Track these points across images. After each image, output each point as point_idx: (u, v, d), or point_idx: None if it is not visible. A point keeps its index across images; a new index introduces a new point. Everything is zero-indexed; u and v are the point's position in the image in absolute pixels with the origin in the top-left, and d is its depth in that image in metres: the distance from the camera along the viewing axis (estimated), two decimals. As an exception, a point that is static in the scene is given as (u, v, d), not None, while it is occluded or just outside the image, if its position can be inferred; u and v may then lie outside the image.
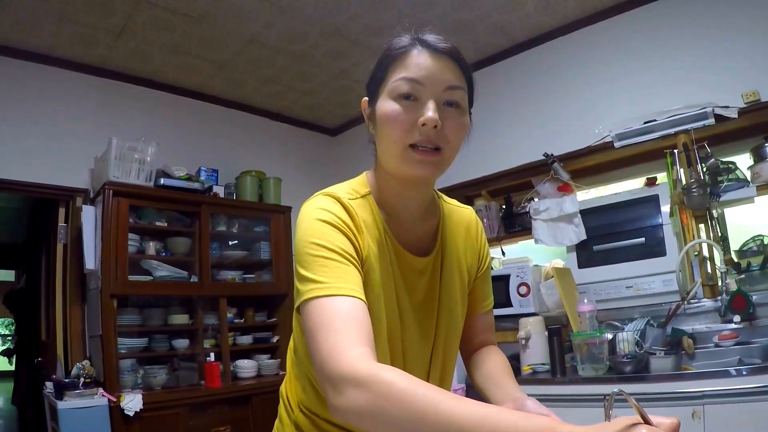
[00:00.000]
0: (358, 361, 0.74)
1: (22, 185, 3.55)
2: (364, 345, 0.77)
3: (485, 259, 1.23)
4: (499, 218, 3.73)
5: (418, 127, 0.92)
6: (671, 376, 2.39)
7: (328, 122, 5.24)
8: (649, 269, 3.02)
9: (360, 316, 0.82)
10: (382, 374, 0.71)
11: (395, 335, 1.04)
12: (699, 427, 2.23)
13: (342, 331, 0.79)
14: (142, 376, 3.50)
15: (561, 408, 2.61)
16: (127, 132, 3.62)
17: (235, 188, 4.22)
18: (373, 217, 1.03)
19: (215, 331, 3.92)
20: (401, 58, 0.96)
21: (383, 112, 0.96)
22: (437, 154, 0.94)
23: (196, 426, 3.45)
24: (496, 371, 1.14)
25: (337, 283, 0.85)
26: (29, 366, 5.50)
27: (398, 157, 0.95)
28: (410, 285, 1.07)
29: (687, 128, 3.01)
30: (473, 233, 1.21)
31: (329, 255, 0.89)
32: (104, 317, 3.28)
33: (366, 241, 0.99)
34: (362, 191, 1.05)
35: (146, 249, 3.63)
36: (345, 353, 0.76)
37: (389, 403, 0.68)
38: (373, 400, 0.69)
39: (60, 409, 3.01)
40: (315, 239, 0.91)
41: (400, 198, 1.05)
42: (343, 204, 0.98)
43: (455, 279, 1.13)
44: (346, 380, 0.73)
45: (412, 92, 0.93)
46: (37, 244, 5.25)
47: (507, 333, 3.29)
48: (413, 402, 0.66)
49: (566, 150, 3.47)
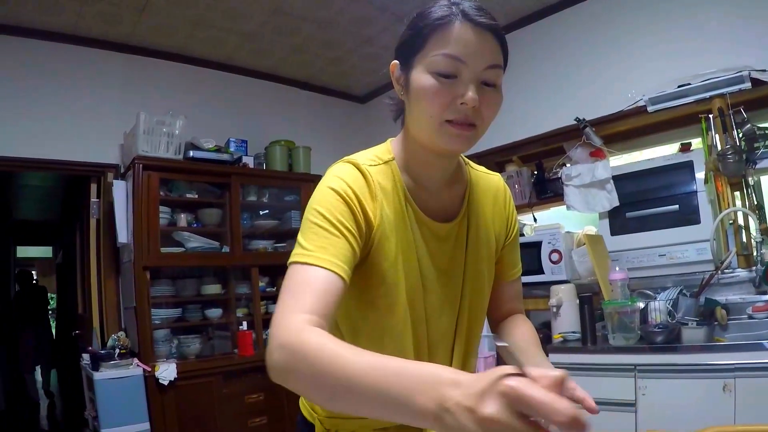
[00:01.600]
0: (291, 324, 0.76)
1: (54, 163, 3.64)
2: (311, 312, 0.79)
3: (513, 226, 1.21)
4: (530, 184, 3.69)
5: (456, 104, 0.91)
6: (703, 347, 2.35)
7: (357, 90, 5.21)
8: (682, 237, 2.95)
9: (323, 287, 0.84)
10: (301, 335, 0.73)
11: (417, 301, 1.04)
12: (730, 401, 2.19)
13: (298, 297, 0.82)
14: (176, 345, 3.58)
15: (591, 377, 2.61)
16: (155, 106, 3.66)
17: (264, 158, 4.24)
18: (393, 184, 1.02)
19: (247, 300, 3.98)
20: (442, 29, 0.91)
21: (421, 86, 0.93)
22: (472, 129, 0.94)
23: (230, 394, 3.53)
24: (524, 343, 1.14)
25: (317, 253, 0.87)
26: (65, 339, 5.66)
27: (433, 131, 0.94)
28: (433, 251, 1.06)
29: (722, 92, 2.91)
30: (501, 200, 1.19)
31: (323, 224, 0.91)
32: (138, 289, 3.35)
33: (380, 208, 0.99)
34: (385, 158, 1.05)
35: (177, 221, 3.67)
36: (287, 317, 0.78)
37: (300, 361, 0.71)
38: (288, 359, 0.72)
39: (96, 379, 3.10)
40: (317, 206, 0.93)
41: (425, 166, 1.04)
42: (361, 170, 0.99)
43: (482, 246, 1.12)
44: (275, 341, 0.75)
45: (452, 71, 0.91)
46: (72, 220, 5.36)
47: (538, 300, 3.28)
48: (317, 357, 0.69)
49: (598, 115, 3.39)
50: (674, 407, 2.32)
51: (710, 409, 2.21)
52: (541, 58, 3.81)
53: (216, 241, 3.80)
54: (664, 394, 2.38)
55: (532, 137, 3.76)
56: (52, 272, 10.53)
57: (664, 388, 2.39)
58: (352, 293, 1.02)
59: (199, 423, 3.41)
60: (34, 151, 3.49)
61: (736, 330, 2.60)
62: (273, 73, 4.67)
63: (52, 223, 8.57)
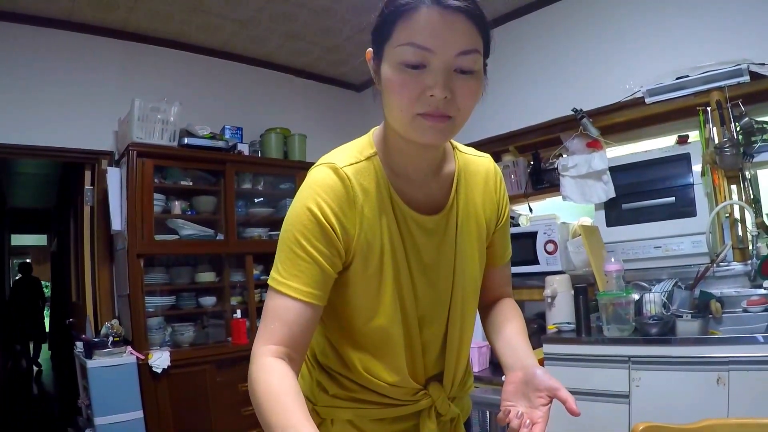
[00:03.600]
0: (258, 356, 0.90)
1: (48, 150, 3.60)
2: (277, 343, 0.90)
3: (504, 210, 1.18)
4: (526, 174, 3.66)
5: (426, 97, 0.86)
6: (697, 340, 2.34)
7: (353, 78, 5.19)
8: (678, 230, 2.94)
9: (292, 318, 0.92)
10: (257, 371, 0.88)
11: (407, 299, 1.03)
12: (723, 394, 2.19)
13: (268, 326, 0.92)
14: (170, 333, 3.58)
15: (584, 368, 2.61)
16: (150, 93, 3.63)
17: (259, 146, 4.23)
18: (376, 181, 1.00)
19: (242, 289, 3.97)
20: (407, 16, 0.85)
21: (388, 79, 0.89)
22: (446, 120, 0.89)
23: (224, 382, 3.53)
24: (511, 331, 1.13)
25: (290, 281, 0.93)
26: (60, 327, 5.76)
27: (406, 124, 0.90)
28: (421, 245, 1.04)
29: (721, 85, 2.90)
30: (492, 184, 1.15)
31: (297, 250, 0.94)
32: (132, 277, 3.34)
33: (359, 215, 0.98)
34: (366, 153, 1.02)
35: (172, 208, 3.66)
36: (257, 347, 0.91)
37: (251, 392, 0.87)
38: (249, 387, 0.88)
39: (90, 367, 3.09)
40: (294, 229, 0.95)
41: (408, 156, 1.01)
42: (339, 175, 0.97)
43: (472, 234, 1.10)
44: (251, 362, 0.90)
45: (420, 61, 0.85)
46: (66, 208, 5.34)
47: (533, 291, 3.28)
48: (258, 398, 0.84)
49: (596, 105, 3.38)
50: (668, 399, 2.31)
51: (704, 401, 2.21)
52: (538, 48, 3.80)
53: (210, 228, 3.79)
54: (658, 386, 2.38)
55: (528, 127, 3.74)
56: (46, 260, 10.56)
57: (658, 380, 2.38)
58: (339, 299, 1.03)
59: (192, 411, 3.41)
60: (28, 138, 3.46)
61: (731, 323, 2.60)
62: (269, 61, 4.65)
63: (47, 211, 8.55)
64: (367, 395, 1.07)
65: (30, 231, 11.26)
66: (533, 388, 0.95)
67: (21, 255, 13.31)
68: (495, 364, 3.14)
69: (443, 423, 1.14)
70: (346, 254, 0.98)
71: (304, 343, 0.94)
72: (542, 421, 0.91)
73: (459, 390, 1.18)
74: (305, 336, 0.94)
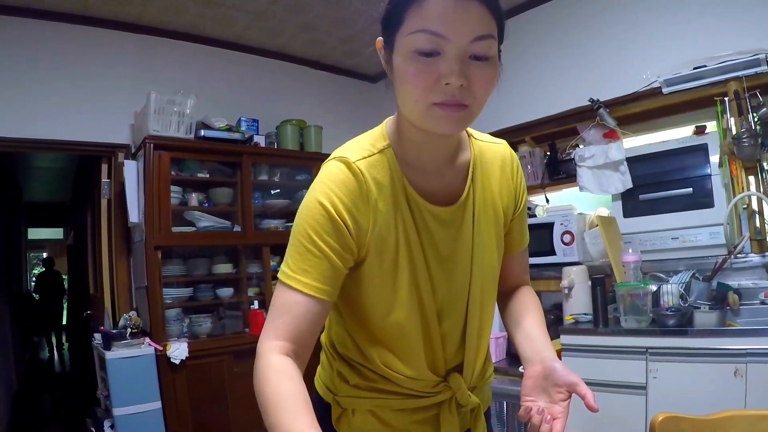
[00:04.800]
0: (265, 351, 0.90)
1: (64, 144, 3.64)
2: (283, 339, 0.90)
3: (522, 196, 1.16)
4: (543, 165, 3.64)
5: (441, 85, 0.83)
6: (715, 331, 2.32)
7: (368, 69, 5.17)
8: (696, 221, 2.92)
9: (301, 313, 0.92)
10: (263, 369, 0.88)
11: (424, 293, 1.02)
12: (741, 386, 2.18)
13: (276, 321, 0.92)
14: (188, 325, 3.60)
15: (602, 359, 2.61)
16: (165, 86, 3.64)
17: (275, 137, 4.22)
18: (390, 174, 0.98)
19: (259, 280, 3.98)
20: (419, 2, 0.82)
21: (401, 69, 0.86)
22: (463, 109, 0.86)
23: (241, 372, 3.55)
24: (530, 323, 1.12)
25: (300, 276, 0.93)
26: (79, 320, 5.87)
27: (421, 115, 0.88)
28: (437, 237, 1.02)
29: (738, 75, 2.85)
30: (509, 170, 1.12)
31: (308, 245, 0.93)
32: (149, 269, 3.36)
33: (373, 210, 0.96)
34: (380, 145, 1.00)
35: (189, 200, 3.67)
36: (263, 342, 0.92)
37: (257, 389, 0.87)
38: (254, 382, 0.88)
39: (108, 359, 3.12)
40: (305, 224, 0.95)
41: (422, 147, 0.99)
42: (353, 170, 0.96)
43: (490, 223, 1.08)
44: (256, 357, 0.91)
45: (433, 49, 0.82)
46: (83, 201, 5.39)
47: (549, 282, 3.28)
48: (267, 402, 0.84)
49: (612, 96, 3.34)
50: (685, 391, 2.30)
51: (721, 393, 2.20)
52: (555, 38, 3.76)
53: (227, 220, 3.80)
54: (676, 377, 2.37)
55: (545, 117, 3.70)
56: (63, 253, 10.70)
57: (675, 371, 2.37)
58: (355, 294, 1.03)
59: (210, 402, 3.44)
60: (44, 131, 3.49)
61: (748, 315, 2.58)
62: (283, 52, 4.64)
63: (63, 205, 8.62)
64: (387, 385, 1.07)
65: (46, 225, 11.37)
66: (552, 383, 0.95)
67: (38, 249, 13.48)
68: (512, 355, 3.14)
69: (464, 413, 1.13)
70: (359, 250, 0.97)
71: (311, 340, 0.94)
72: (563, 417, 0.91)
73: (479, 380, 1.17)
74: (313, 332, 0.94)
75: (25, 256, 11.07)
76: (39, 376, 8.06)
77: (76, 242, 7.02)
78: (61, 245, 11.60)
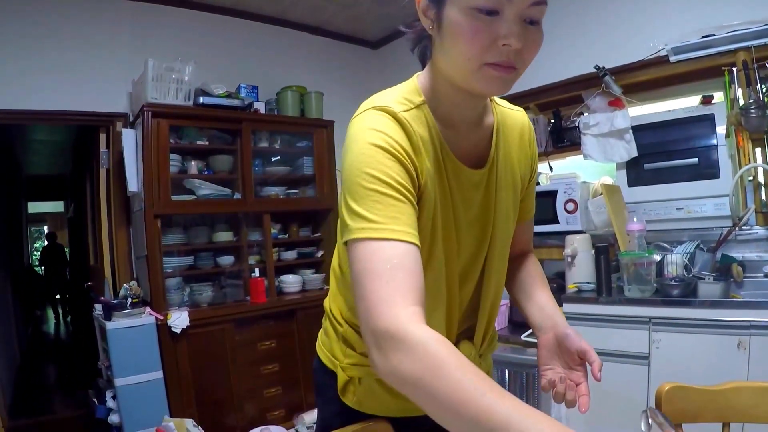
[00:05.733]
0: (409, 324, 0.71)
1: (62, 114, 3.57)
2: (415, 303, 0.74)
3: (536, 165, 1.18)
4: (547, 132, 3.60)
5: (498, 46, 0.81)
6: (718, 303, 2.31)
7: (370, 35, 5.09)
8: (701, 191, 2.91)
9: (412, 265, 0.77)
10: (434, 347, 0.68)
11: (451, 254, 1.00)
12: (744, 358, 2.18)
13: (393, 283, 0.74)
14: (189, 293, 3.60)
15: (604, 329, 2.61)
16: (163, 53, 3.59)
17: (276, 104, 4.17)
18: (429, 131, 0.94)
19: (260, 248, 3.98)
20: None
21: (457, 24, 0.82)
22: (512, 71, 0.85)
23: (242, 341, 3.57)
24: (540, 293, 1.15)
25: (390, 225, 0.79)
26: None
27: (470, 74, 0.84)
28: (467, 200, 1.01)
29: (747, 45, 2.80)
30: (526, 139, 1.13)
31: (384, 189, 0.82)
32: (149, 238, 3.35)
33: (423, 162, 0.91)
34: (416, 100, 0.95)
35: (188, 168, 3.64)
36: (394, 310, 0.72)
37: (437, 380, 0.65)
38: (420, 372, 0.67)
39: (109, 329, 3.12)
40: (369, 169, 0.83)
41: (457, 107, 0.96)
42: (399, 120, 0.89)
43: (509, 189, 1.08)
44: (394, 341, 0.70)
45: (494, 7, 0.79)
46: (82, 172, 5.35)
47: (552, 250, 3.25)
48: (460, 386, 0.64)
49: (619, 63, 3.28)
50: (688, 362, 2.30)
51: (724, 365, 2.20)
52: (562, 3, 3.67)
53: (227, 188, 3.77)
54: (678, 348, 2.37)
55: (549, 84, 3.64)
56: (64, 226, 10.78)
57: (678, 342, 2.37)
58: None
59: (211, 370, 3.45)
60: (41, 103, 3.43)
61: (752, 288, 2.57)
62: (284, 18, 4.56)
63: (63, 177, 8.59)
64: None
65: (47, 198, 11.35)
66: (565, 349, 0.97)
67: (38, 222, 13.48)
68: (514, 323, 3.13)
69: None
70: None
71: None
72: (585, 380, 0.93)
73: (486, 347, 1.17)
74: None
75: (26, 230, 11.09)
76: (42, 350, 8.11)
77: (76, 214, 7.00)
78: (61, 218, 11.59)
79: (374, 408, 1.12)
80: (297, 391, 3.83)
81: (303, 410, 3.74)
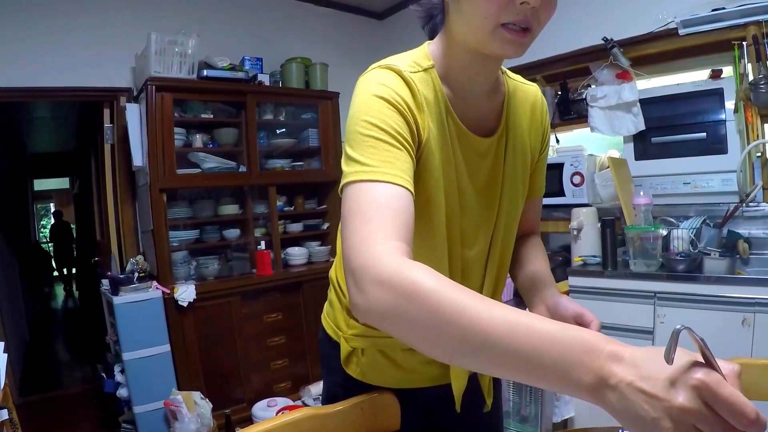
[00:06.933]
0: (386, 257, 0.68)
1: (65, 90, 3.54)
2: (398, 239, 0.71)
3: (547, 141, 1.16)
4: (554, 104, 3.55)
5: (516, 4, 0.79)
6: (724, 279, 2.30)
7: (375, 6, 5.02)
8: (708, 166, 2.87)
9: (401, 206, 0.75)
10: (408, 272, 0.64)
11: (454, 221, 0.99)
12: (748, 335, 2.18)
13: (375, 221, 0.72)
14: (195, 267, 3.62)
15: (609, 302, 2.61)
16: (166, 26, 3.54)
17: (280, 76, 4.13)
18: (435, 94, 0.93)
19: (265, 220, 3.99)
20: None
21: None
22: (527, 34, 0.84)
23: (249, 313, 3.60)
24: (533, 266, 1.15)
25: (383, 168, 0.78)
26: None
27: (486, 34, 0.84)
28: (472, 167, 1.00)
29: (758, 19, 2.74)
30: (539, 112, 1.12)
31: (381, 136, 0.81)
32: (155, 212, 3.35)
33: (426, 120, 0.90)
34: (425, 64, 0.94)
35: (193, 142, 3.62)
36: (373, 247, 0.69)
37: (413, 305, 0.62)
38: (395, 300, 0.64)
39: (116, 304, 3.14)
40: (368, 117, 0.83)
41: (468, 73, 0.96)
42: (404, 78, 0.89)
43: (518, 161, 1.07)
44: (370, 276, 0.67)
45: None
46: (87, 149, 5.35)
47: (558, 223, 3.24)
48: (439, 305, 0.61)
49: (627, 35, 3.23)
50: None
51: (728, 341, 2.19)
52: (569, -26, 3.63)
53: (232, 161, 3.76)
54: (683, 323, 2.34)
55: (557, 56, 3.58)
56: (69, 203, 10.88)
57: (683, 317, 2.36)
58: None
59: (218, 343, 3.49)
60: (44, 80, 3.41)
61: (758, 265, 2.56)
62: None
63: (68, 154, 8.59)
64: None
65: (52, 175, 11.38)
66: (560, 317, 0.96)
67: (44, 199, 13.53)
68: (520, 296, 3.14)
69: None
70: (416, 157, 0.89)
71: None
72: None
73: None
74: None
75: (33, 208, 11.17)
76: (50, 326, 8.19)
77: (81, 190, 7.02)
78: (67, 195, 11.64)
79: (377, 379, 1.13)
80: (303, 363, 3.87)
81: (309, 382, 3.77)
